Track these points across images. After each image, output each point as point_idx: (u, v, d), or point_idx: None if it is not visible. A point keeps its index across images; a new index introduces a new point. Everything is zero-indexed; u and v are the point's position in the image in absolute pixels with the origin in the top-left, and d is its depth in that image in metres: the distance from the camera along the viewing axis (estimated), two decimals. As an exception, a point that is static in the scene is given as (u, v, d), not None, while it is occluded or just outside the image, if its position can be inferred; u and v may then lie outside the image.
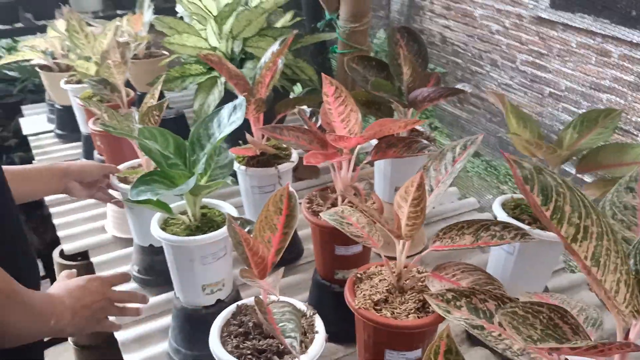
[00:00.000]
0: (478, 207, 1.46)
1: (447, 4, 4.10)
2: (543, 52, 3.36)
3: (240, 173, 1.10)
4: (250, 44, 1.34)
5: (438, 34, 4.26)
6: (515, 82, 3.58)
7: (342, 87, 0.87)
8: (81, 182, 1.02)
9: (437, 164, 0.72)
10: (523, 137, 0.86)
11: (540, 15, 3.29)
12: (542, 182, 0.46)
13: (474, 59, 3.89)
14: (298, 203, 0.68)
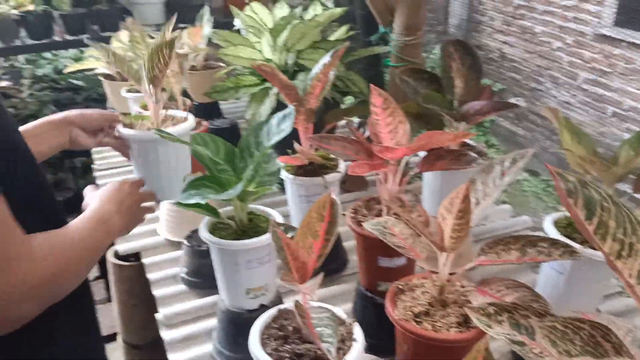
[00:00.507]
0: (531, 225, 1.41)
1: (506, 20, 4.03)
2: (606, 70, 3.23)
3: (288, 181, 1.11)
4: (303, 57, 1.36)
5: (497, 50, 4.19)
6: (576, 101, 3.46)
7: (391, 98, 0.87)
8: (84, 129, 0.99)
9: (484, 177, 0.71)
10: (576, 152, 0.84)
11: (604, 32, 3.17)
12: (587, 196, 0.45)
13: (534, 75, 3.79)
14: (340, 211, 0.69)
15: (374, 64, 1.69)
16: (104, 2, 2.39)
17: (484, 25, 4.24)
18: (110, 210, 0.82)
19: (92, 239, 0.75)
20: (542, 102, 3.66)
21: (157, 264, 1.23)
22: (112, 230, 0.82)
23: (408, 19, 1.37)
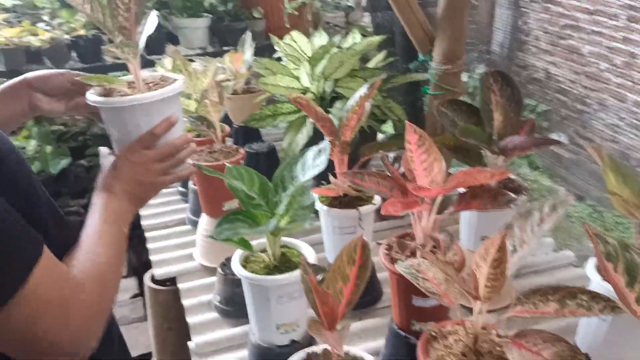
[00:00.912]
0: (573, 261, 1.36)
1: (552, 40, 3.94)
2: (658, 93, 3.12)
3: (322, 213, 1.11)
4: (341, 85, 1.37)
5: (542, 70, 4.10)
6: (624, 123, 3.34)
7: (426, 135, 0.86)
8: (46, 93, 0.92)
9: (522, 222, 0.69)
10: (621, 194, 0.80)
11: (656, 53, 3.06)
12: (628, 261, 0.43)
13: (581, 97, 3.68)
14: (373, 239, 0.68)
15: (413, 91, 1.67)
16: (151, 27, 2.46)
17: (529, 44, 4.15)
18: (116, 199, 0.81)
19: (111, 239, 0.76)
20: (589, 124, 3.54)
21: (191, 289, 1.25)
22: (127, 217, 0.83)
23: (448, 47, 1.35)
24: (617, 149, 3.31)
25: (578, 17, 3.53)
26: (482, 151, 1.11)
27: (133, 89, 0.89)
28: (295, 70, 1.43)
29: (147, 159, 0.85)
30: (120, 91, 0.89)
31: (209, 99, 1.20)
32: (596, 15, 3.38)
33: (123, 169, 0.84)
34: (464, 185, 0.84)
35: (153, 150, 0.86)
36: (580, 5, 3.49)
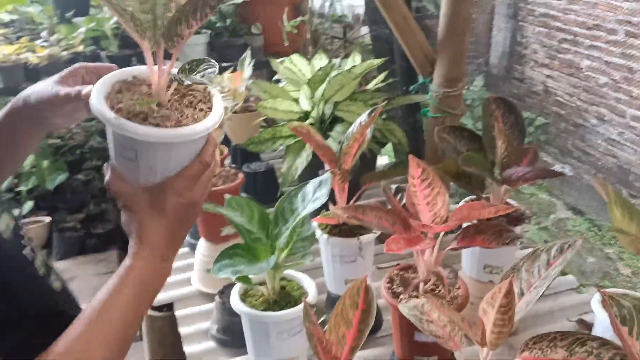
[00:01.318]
0: (576, 286, 1.35)
1: (550, 54, 3.94)
2: (657, 108, 3.12)
3: (322, 241, 1.09)
4: (341, 108, 1.35)
5: (540, 83, 4.10)
6: (623, 139, 3.34)
7: (429, 169, 0.85)
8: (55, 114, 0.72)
9: (529, 264, 0.67)
10: (628, 230, 0.79)
11: (655, 68, 3.07)
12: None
13: (579, 111, 3.68)
14: (374, 264, 0.66)
15: (412, 112, 1.67)
16: (149, 43, 2.45)
17: (527, 57, 4.16)
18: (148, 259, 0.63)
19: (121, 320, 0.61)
20: (587, 139, 3.54)
21: (189, 316, 1.23)
22: (160, 281, 0.65)
23: (449, 70, 1.34)
24: (616, 164, 3.30)
25: (576, 32, 3.54)
26: (484, 179, 1.10)
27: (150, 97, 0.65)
28: (294, 93, 1.42)
29: (197, 194, 0.67)
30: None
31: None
32: (594, 29, 3.39)
33: (166, 215, 0.64)
34: (468, 220, 0.83)
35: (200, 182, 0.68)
36: (578, 19, 3.50)
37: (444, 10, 1.30)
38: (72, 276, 2.50)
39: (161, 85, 0.64)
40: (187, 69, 0.64)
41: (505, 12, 4.53)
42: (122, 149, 0.63)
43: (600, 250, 3.98)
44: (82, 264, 2.58)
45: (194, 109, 0.65)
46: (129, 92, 0.64)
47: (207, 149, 0.67)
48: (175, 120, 0.62)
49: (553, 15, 3.78)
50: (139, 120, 0.61)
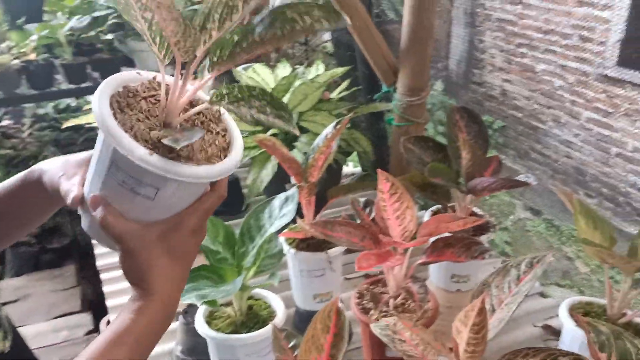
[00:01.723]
0: (540, 291, 1.37)
1: (507, 58, 4.02)
2: (609, 111, 3.21)
3: (290, 256, 1.07)
4: (305, 118, 1.34)
5: (498, 87, 4.17)
6: (578, 140, 3.44)
7: (398, 183, 0.84)
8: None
9: (499, 280, 0.67)
10: (594, 241, 0.80)
11: (606, 73, 3.16)
12: (621, 349, 0.40)
13: (536, 114, 3.76)
14: (342, 273, 0.64)
15: (376, 121, 1.66)
16: (106, 51, 2.38)
17: (485, 62, 4.23)
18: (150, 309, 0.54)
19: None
20: (544, 141, 3.63)
21: (152, 336, 1.18)
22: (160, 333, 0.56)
23: (412, 80, 1.35)
24: (572, 165, 3.39)
25: (532, 36, 3.62)
26: (450, 189, 1.10)
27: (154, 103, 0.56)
28: (257, 102, 1.39)
29: (206, 229, 0.60)
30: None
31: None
32: (549, 34, 3.47)
33: (182, 257, 0.56)
34: (437, 234, 0.82)
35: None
36: (534, 24, 3.58)
37: (406, 20, 1.30)
38: (26, 293, 2.40)
39: (178, 106, 0.54)
40: (225, 94, 0.55)
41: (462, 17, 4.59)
42: (135, 183, 0.52)
43: (559, 249, 4.09)
44: (37, 281, 2.47)
45: (209, 132, 0.56)
46: (132, 112, 0.53)
47: (224, 181, 0.58)
48: (200, 149, 0.53)
49: (509, 20, 3.85)
50: (165, 153, 0.50)
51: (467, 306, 0.96)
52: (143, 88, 0.57)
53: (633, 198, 2.71)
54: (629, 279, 0.81)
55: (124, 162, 0.51)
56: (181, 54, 0.51)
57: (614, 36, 3.00)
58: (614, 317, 0.82)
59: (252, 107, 0.53)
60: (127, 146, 0.49)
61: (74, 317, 2.24)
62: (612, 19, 2.72)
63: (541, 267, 0.65)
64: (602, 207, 1.88)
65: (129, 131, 0.51)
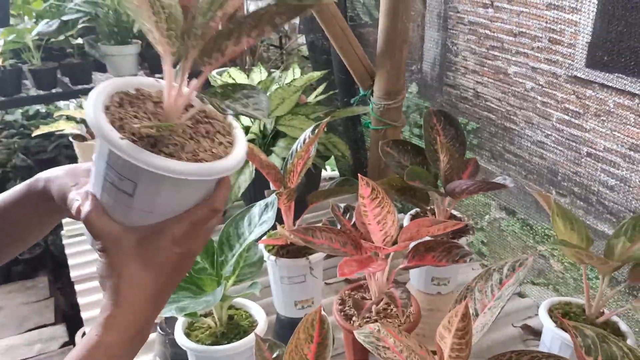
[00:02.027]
0: (518, 291, 1.38)
1: (480, 60, 4.08)
2: (579, 111, 3.28)
3: (270, 263, 1.05)
4: (282, 122, 1.33)
5: (471, 89, 4.22)
6: (550, 140, 3.50)
7: (379, 188, 0.83)
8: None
9: (482, 284, 0.67)
10: (571, 242, 0.81)
11: (576, 74, 3.22)
12: (606, 353, 0.41)
13: (508, 115, 3.82)
14: (331, 329, 0.63)
15: (354, 124, 1.66)
16: (76, 55, 2.33)
17: (458, 64, 4.28)
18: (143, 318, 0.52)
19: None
20: (517, 142, 3.69)
21: (130, 348, 1.15)
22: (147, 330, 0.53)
23: (388, 83, 1.35)
24: (544, 165, 3.46)
25: (503, 39, 3.68)
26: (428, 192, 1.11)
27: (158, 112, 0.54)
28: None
29: (198, 244, 0.56)
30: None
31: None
32: (520, 37, 3.54)
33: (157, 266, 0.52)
34: (418, 238, 0.82)
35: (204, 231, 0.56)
36: (505, 27, 3.64)
37: (382, 25, 1.30)
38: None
39: (177, 106, 0.52)
40: (219, 93, 0.52)
41: (435, 21, 4.64)
42: (117, 177, 0.50)
43: (533, 248, 4.15)
44: (9, 293, 2.40)
45: (211, 140, 0.54)
46: (132, 108, 0.52)
47: (220, 194, 0.54)
48: (191, 152, 0.51)
49: (481, 24, 3.91)
50: (146, 146, 0.48)
51: (448, 309, 0.96)
52: (157, 94, 0.55)
53: (604, 197, 2.77)
54: (605, 278, 0.82)
55: (107, 155, 0.49)
56: (174, 55, 0.50)
57: (582, 38, 3.06)
58: (592, 317, 0.84)
59: (238, 102, 0.50)
60: (103, 130, 0.47)
61: (48, 329, 2.18)
62: (581, 22, 2.76)
63: (523, 270, 0.65)
64: (574, 206, 1.91)
65: (115, 121, 0.49)
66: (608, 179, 3.15)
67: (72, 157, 3.03)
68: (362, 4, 2.23)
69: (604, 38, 2.41)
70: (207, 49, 0.49)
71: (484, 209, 4.21)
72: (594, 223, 1.81)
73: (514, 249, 3.78)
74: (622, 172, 3.12)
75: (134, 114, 0.50)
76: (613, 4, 1.99)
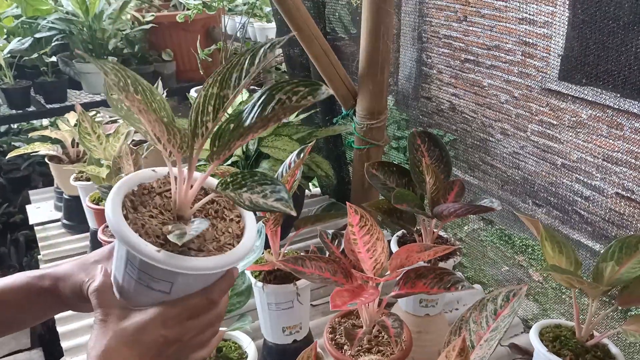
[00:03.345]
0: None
1: (454, 73, 4.13)
2: (553, 123, 3.34)
3: (257, 289, 1.04)
4: (265, 144, 1.31)
5: (447, 102, 4.28)
6: (525, 152, 3.56)
7: (367, 215, 0.83)
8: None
9: (477, 315, 0.67)
10: (561, 268, 0.81)
11: (549, 86, 3.29)
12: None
13: (484, 127, 3.88)
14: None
15: (335, 143, 1.66)
16: (50, 73, 2.29)
17: (433, 77, 4.33)
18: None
19: None
20: (493, 153, 3.75)
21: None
22: None
23: (371, 103, 1.35)
24: (521, 175, 3.51)
25: (477, 52, 3.74)
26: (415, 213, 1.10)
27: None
28: (215, 129, 1.36)
29: (187, 333, 0.54)
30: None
31: (125, 172, 1.10)
32: (493, 50, 3.59)
33: (139, 345, 0.52)
34: (408, 265, 0.82)
35: (198, 322, 0.55)
36: (479, 41, 3.70)
37: (363, 45, 1.30)
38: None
39: (188, 200, 0.55)
40: (229, 182, 0.54)
41: (410, 34, 4.70)
42: (148, 279, 0.52)
43: (512, 258, 4.19)
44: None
45: (222, 219, 0.57)
46: (145, 209, 0.54)
47: (219, 284, 0.55)
48: (213, 239, 0.54)
49: (455, 37, 3.96)
50: (173, 245, 0.51)
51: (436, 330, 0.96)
52: (159, 184, 0.58)
53: (579, 207, 2.81)
54: (595, 301, 0.82)
55: (136, 260, 0.52)
56: (177, 150, 0.52)
57: (555, 52, 3.11)
58: (583, 340, 0.84)
59: (254, 192, 0.52)
60: (136, 245, 0.50)
61: (23, 354, 2.11)
62: (552, 36, 2.82)
63: (518, 300, 0.65)
64: (550, 216, 1.93)
65: (140, 229, 0.52)
66: (583, 190, 3.19)
67: (46, 174, 2.96)
68: (337, 18, 2.24)
69: (576, 51, 2.46)
70: (218, 149, 0.52)
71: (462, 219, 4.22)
72: (570, 233, 1.83)
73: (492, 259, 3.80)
74: (597, 182, 3.17)
75: (149, 215, 0.54)
76: (583, 19, 2.03)
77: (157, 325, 0.52)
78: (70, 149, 1.64)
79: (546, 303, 1.71)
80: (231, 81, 0.50)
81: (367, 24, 1.28)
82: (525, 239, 4.38)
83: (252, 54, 0.50)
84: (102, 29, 2.34)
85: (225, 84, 0.51)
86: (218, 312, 0.56)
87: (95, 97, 2.39)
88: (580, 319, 0.85)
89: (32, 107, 2.24)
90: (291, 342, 1.07)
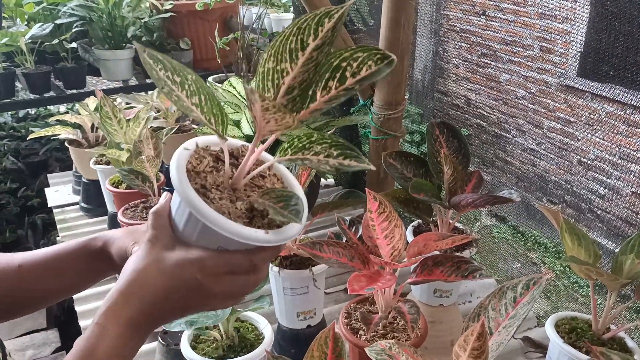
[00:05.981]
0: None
1: (471, 68, 4.11)
2: (571, 120, 3.31)
3: (273, 274, 1.05)
4: (283, 132, 1.32)
5: (462, 96, 4.25)
6: (541, 149, 3.53)
7: (386, 202, 0.83)
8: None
9: (496, 302, 0.67)
10: (580, 259, 0.81)
11: (568, 83, 3.25)
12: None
13: (500, 122, 3.84)
14: (346, 347, 0.63)
15: (351, 133, 1.66)
16: (70, 59, 2.31)
17: (449, 72, 4.30)
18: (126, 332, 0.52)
19: None
20: (509, 150, 3.72)
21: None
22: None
23: (389, 94, 1.35)
24: (536, 172, 3.48)
25: (495, 47, 3.70)
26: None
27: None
28: (234, 115, 1.37)
29: (219, 287, 0.54)
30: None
31: (145, 156, 1.11)
32: (512, 45, 3.56)
33: (173, 278, 0.52)
34: (425, 253, 0.82)
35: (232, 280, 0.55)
36: (497, 35, 3.66)
37: (383, 35, 1.30)
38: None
39: (245, 170, 0.57)
40: (287, 148, 0.59)
41: (427, 27, 4.66)
42: (202, 233, 0.53)
43: (524, 255, 4.17)
44: None
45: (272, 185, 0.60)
46: (211, 175, 0.55)
47: (263, 252, 0.55)
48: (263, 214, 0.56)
49: (473, 31, 3.93)
50: (258, 221, 0.54)
51: (450, 321, 0.96)
52: (196, 162, 0.57)
53: (595, 205, 2.77)
54: (613, 294, 0.82)
55: (217, 235, 0.52)
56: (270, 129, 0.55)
57: (574, 48, 3.05)
58: (599, 333, 0.84)
59: (317, 153, 0.53)
60: (241, 234, 0.51)
61: (40, 334, 2.15)
62: (572, 31, 2.75)
63: (538, 288, 0.65)
64: (565, 213, 1.92)
65: (225, 214, 0.52)
66: (599, 188, 3.15)
67: (63, 159, 3.00)
68: (355, 10, 2.24)
69: (596, 48, 2.42)
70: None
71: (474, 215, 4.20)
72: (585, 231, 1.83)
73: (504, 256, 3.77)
74: (613, 180, 3.13)
75: (219, 197, 0.54)
76: (605, 15, 2.00)
77: (195, 267, 0.52)
78: (90, 133, 1.66)
79: (558, 301, 1.70)
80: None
81: (388, 14, 1.28)
82: (538, 237, 4.34)
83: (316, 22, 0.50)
84: (121, 16, 2.35)
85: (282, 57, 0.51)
86: (255, 278, 0.55)
87: (112, 84, 2.42)
88: (597, 313, 0.85)
89: (52, 92, 2.26)
90: (305, 327, 1.08)
